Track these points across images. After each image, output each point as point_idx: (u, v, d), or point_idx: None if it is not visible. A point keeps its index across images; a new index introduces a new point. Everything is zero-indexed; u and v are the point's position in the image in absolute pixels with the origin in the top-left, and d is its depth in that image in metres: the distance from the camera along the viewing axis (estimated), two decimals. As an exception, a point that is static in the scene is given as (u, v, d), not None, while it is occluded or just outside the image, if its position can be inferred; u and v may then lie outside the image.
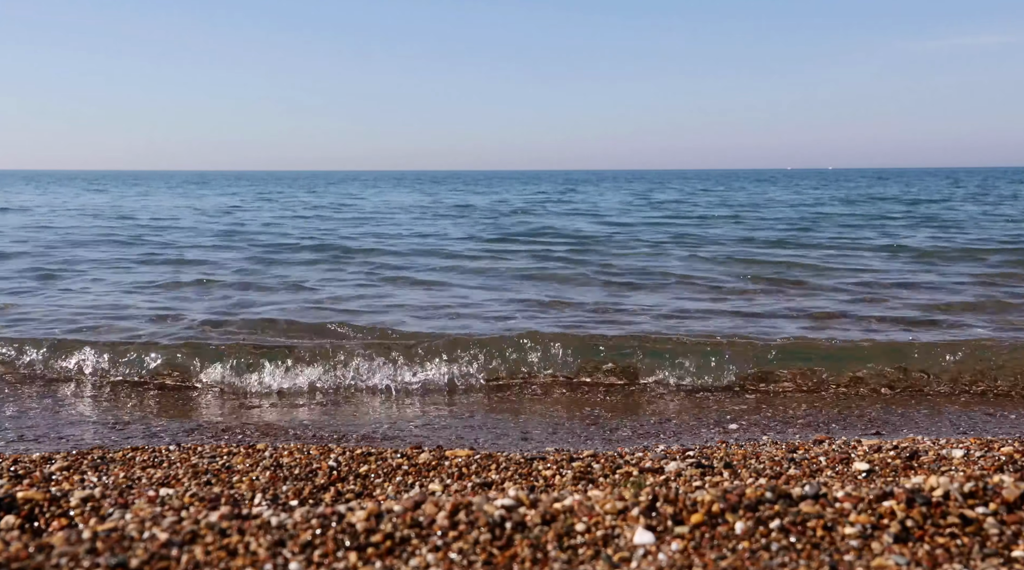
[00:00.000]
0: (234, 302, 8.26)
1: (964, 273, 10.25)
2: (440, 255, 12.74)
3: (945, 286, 9.18)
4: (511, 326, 6.83)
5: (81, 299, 8.42)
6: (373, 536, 1.87)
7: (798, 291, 8.88)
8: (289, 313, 7.50)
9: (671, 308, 7.86)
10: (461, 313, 7.70)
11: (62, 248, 13.59)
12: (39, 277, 10.07)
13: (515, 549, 1.84)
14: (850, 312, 7.57)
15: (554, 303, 8.17)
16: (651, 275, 10.19)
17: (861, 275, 10.04)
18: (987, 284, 9.27)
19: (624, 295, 8.77)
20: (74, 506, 2.49)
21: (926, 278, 9.82)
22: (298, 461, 3.46)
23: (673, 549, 1.84)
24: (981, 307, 7.79)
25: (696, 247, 13.72)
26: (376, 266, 11.37)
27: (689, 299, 8.50)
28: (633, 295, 8.75)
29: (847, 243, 14.21)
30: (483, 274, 10.52)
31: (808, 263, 11.19)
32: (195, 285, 9.38)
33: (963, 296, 8.42)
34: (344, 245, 14.16)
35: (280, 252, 13.22)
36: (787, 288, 9.09)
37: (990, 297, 8.31)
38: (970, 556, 1.81)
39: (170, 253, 12.90)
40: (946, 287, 9.10)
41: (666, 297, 8.62)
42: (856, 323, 7.09)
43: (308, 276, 10.26)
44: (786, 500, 2.02)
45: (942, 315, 7.45)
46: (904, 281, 9.57)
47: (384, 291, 9.12)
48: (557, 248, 13.65)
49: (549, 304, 8.11)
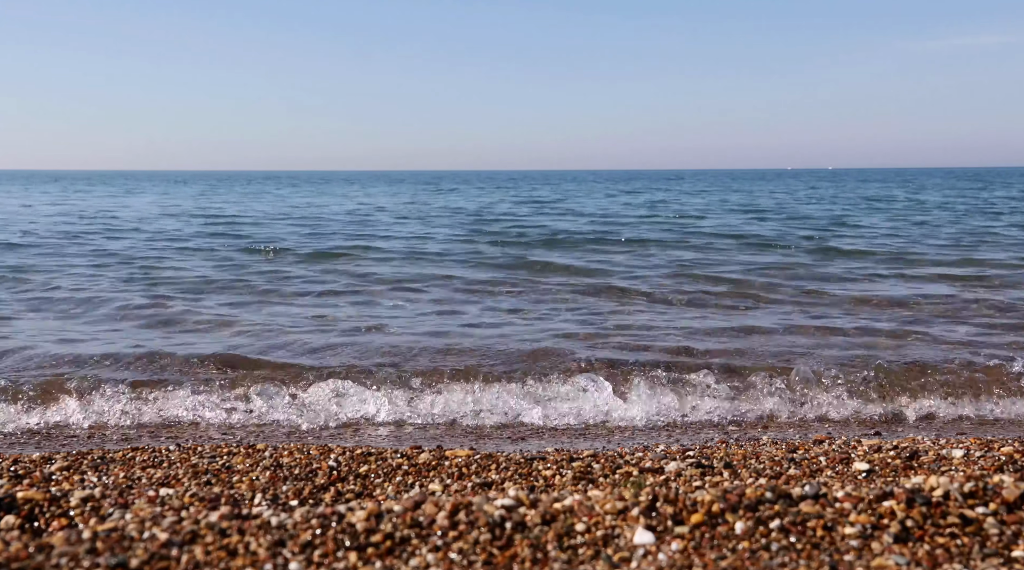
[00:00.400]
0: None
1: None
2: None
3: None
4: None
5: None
6: (373, 536, 1.87)
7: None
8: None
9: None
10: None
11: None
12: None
13: (515, 549, 1.84)
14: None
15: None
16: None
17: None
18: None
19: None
20: (74, 506, 2.49)
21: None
22: (298, 461, 3.46)
23: (673, 549, 1.84)
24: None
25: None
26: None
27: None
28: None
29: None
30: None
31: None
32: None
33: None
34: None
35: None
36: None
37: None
38: (970, 556, 1.81)
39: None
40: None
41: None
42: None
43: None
44: (786, 500, 2.02)
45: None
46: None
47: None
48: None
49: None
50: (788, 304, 8.24)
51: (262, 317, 7.43)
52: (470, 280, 9.93)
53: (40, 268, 10.86)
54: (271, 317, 7.45)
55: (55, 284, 9.37)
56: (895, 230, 17.39)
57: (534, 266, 11.40)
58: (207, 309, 7.84)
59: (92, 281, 9.74)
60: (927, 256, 12.41)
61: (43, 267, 10.95)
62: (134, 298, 8.39)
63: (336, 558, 1.79)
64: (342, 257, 12.48)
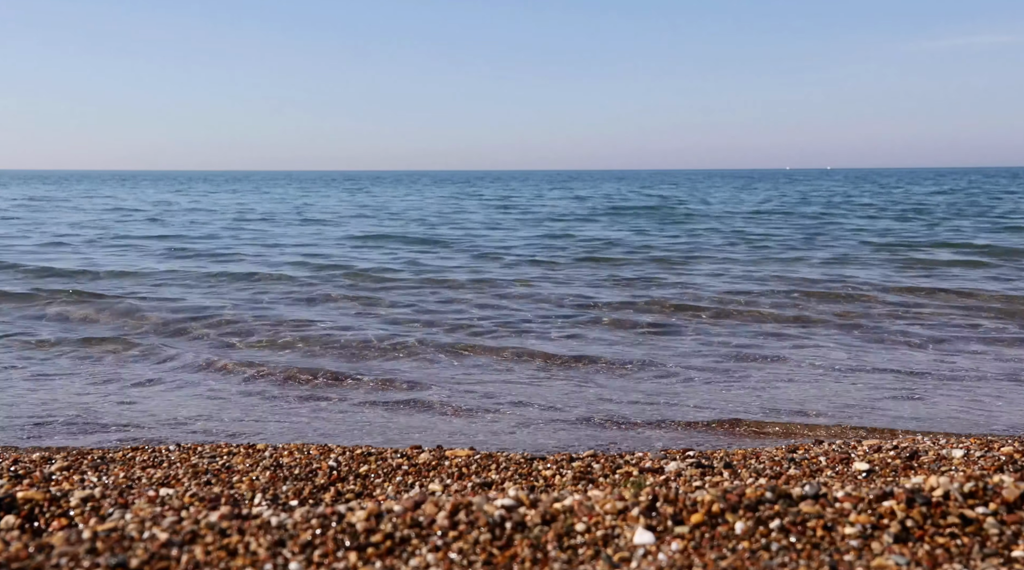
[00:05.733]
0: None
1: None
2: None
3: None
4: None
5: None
6: (373, 536, 1.87)
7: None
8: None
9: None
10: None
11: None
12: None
13: (515, 549, 1.84)
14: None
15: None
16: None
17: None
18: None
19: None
20: (74, 506, 2.49)
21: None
22: (298, 461, 3.46)
23: (673, 549, 1.84)
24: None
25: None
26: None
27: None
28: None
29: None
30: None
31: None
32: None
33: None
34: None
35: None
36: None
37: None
38: (970, 556, 1.81)
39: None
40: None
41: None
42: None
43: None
44: (786, 500, 2.02)
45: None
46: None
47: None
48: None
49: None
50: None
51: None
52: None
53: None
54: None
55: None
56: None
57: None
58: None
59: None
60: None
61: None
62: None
63: (336, 558, 1.79)
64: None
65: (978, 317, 7.66)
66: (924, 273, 10.80)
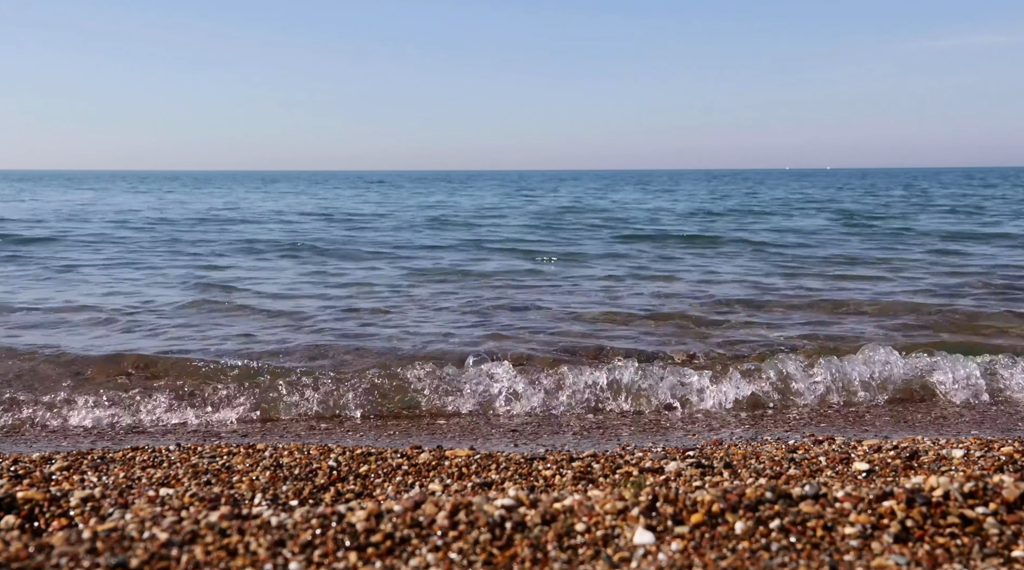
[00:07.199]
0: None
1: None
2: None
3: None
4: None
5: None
6: (373, 536, 1.87)
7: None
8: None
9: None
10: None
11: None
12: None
13: (515, 549, 1.84)
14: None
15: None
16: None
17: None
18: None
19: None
20: (74, 506, 2.49)
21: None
22: (298, 461, 3.46)
23: (673, 549, 1.84)
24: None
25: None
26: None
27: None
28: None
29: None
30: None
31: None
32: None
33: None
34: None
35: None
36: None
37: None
38: (970, 556, 1.81)
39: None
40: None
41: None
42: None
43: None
44: (786, 500, 2.02)
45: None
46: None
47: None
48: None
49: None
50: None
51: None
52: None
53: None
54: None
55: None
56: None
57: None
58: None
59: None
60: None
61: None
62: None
63: (336, 558, 1.79)
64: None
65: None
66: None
